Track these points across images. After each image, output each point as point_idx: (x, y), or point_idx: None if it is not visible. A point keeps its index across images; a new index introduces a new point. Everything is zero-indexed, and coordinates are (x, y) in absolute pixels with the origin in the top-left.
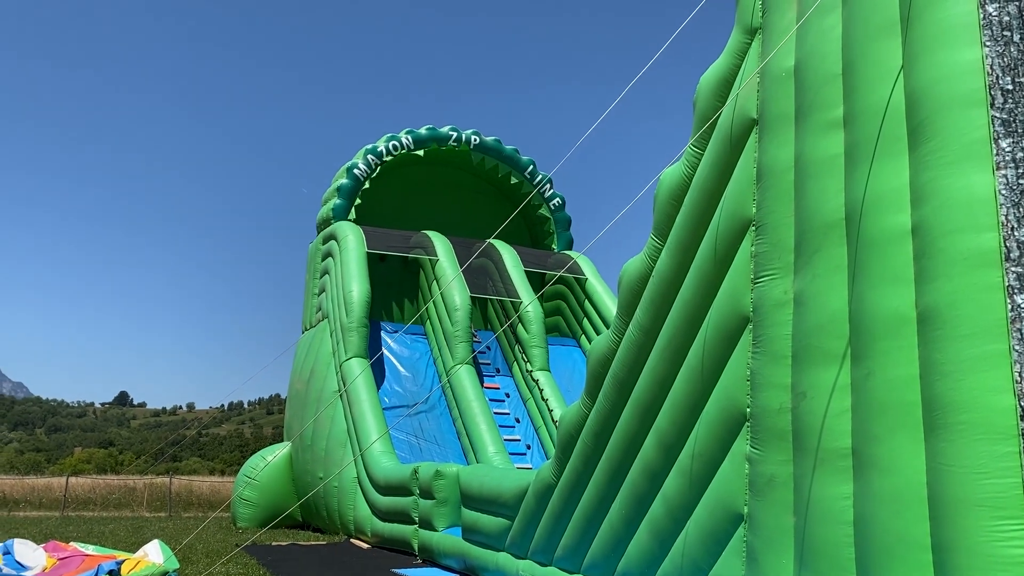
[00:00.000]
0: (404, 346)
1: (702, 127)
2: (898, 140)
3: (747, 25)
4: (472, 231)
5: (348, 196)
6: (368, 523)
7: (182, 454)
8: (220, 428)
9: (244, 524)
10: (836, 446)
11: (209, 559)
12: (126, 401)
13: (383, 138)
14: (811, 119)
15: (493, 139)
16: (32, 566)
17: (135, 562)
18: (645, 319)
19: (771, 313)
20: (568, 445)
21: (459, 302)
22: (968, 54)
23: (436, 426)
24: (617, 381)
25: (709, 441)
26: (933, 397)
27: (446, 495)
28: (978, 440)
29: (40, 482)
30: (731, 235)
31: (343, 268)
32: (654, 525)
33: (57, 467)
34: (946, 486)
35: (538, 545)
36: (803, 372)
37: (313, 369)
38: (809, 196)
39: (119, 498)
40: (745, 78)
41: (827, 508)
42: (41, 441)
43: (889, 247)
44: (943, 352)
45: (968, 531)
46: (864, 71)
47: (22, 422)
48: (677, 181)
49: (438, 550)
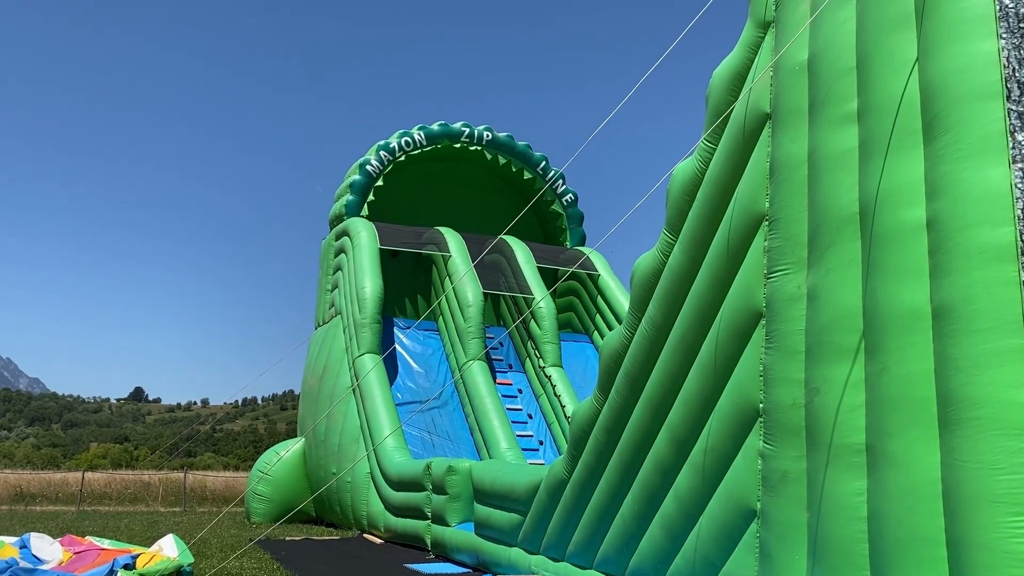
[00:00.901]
0: (417, 342)
1: (715, 122)
2: (913, 134)
3: (760, 19)
4: (485, 227)
5: (361, 192)
6: (381, 518)
7: (196, 449)
8: (234, 424)
9: (258, 519)
10: (850, 442)
11: (223, 553)
12: (141, 397)
13: (396, 134)
14: (825, 113)
15: (505, 135)
16: (48, 560)
17: (150, 556)
18: (658, 315)
19: (784, 308)
20: (580, 441)
21: (472, 298)
22: (984, 46)
23: (449, 422)
24: (629, 377)
25: (722, 437)
26: (948, 392)
27: (459, 491)
28: (993, 435)
29: (56, 477)
30: (744, 230)
31: (356, 264)
32: (666, 521)
33: (73, 462)
34: (961, 482)
35: (550, 541)
36: (816, 367)
37: (326, 365)
38: (823, 190)
39: (134, 493)
40: (758, 72)
41: (841, 504)
42: (57, 436)
43: (904, 241)
44: (958, 347)
45: (983, 527)
46: (878, 64)
47: (39, 417)
48: (690, 176)
49: (451, 545)
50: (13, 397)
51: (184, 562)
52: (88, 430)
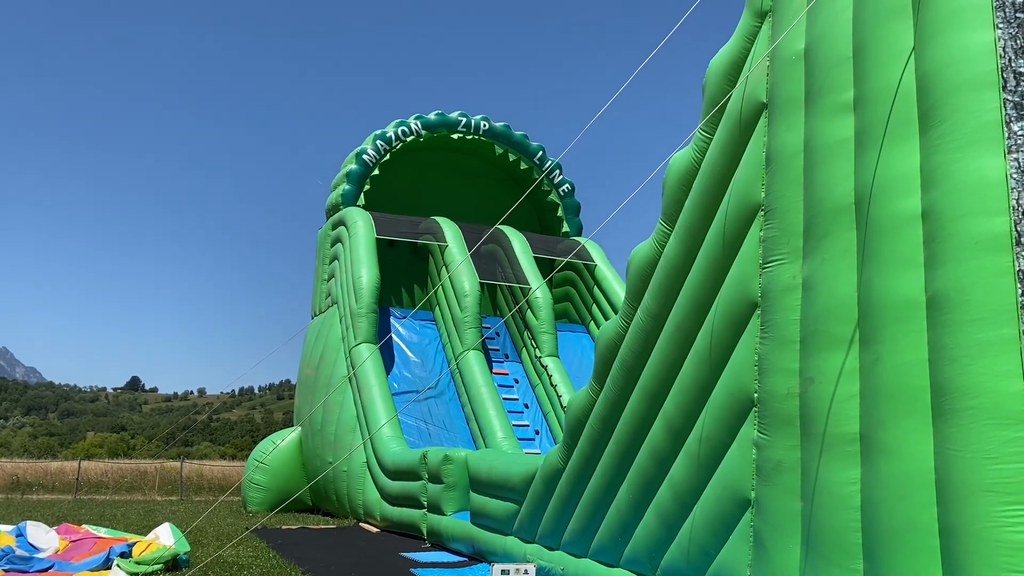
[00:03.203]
0: (413, 332)
1: (711, 111)
2: (909, 123)
3: (757, 8)
4: (481, 217)
5: (357, 182)
6: (377, 507)
7: (193, 439)
8: (231, 413)
9: (254, 508)
10: (844, 431)
11: (219, 542)
12: (138, 386)
13: (392, 123)
14: (821, 102)
15: (502, 124)
16: (45, 548)
17: (146, 544)
18: (653, 304)
19: (779, 298)
20: (576, 430)
21: (468, 288)
22: (980, 36)
23: (445, 411)
24: (625, 366)
25: (717, 426)
26: (942, 382)
27: (455, 480)
28: (987, 425)
29: (53, 466)
30: (740, 220)
31: (352, 254)
32: (661, 510)
33: (70, 451)
34: (954, 471)
35: (546, 529)
36: (811, 357)
37: (322, 355)
38: (818, 180)
39: (131, 482)
40: (755, 61)
41: (834, 493)
42: (54, 425)
43: (899, 231)
44: (952, 337)
45: (976, 516)
46: (875, 54)
47: (35, 407)
48: (686, 166)
49: (447, 534)
50: (9, 386)
51: (180, 550)
52: (85, 419)
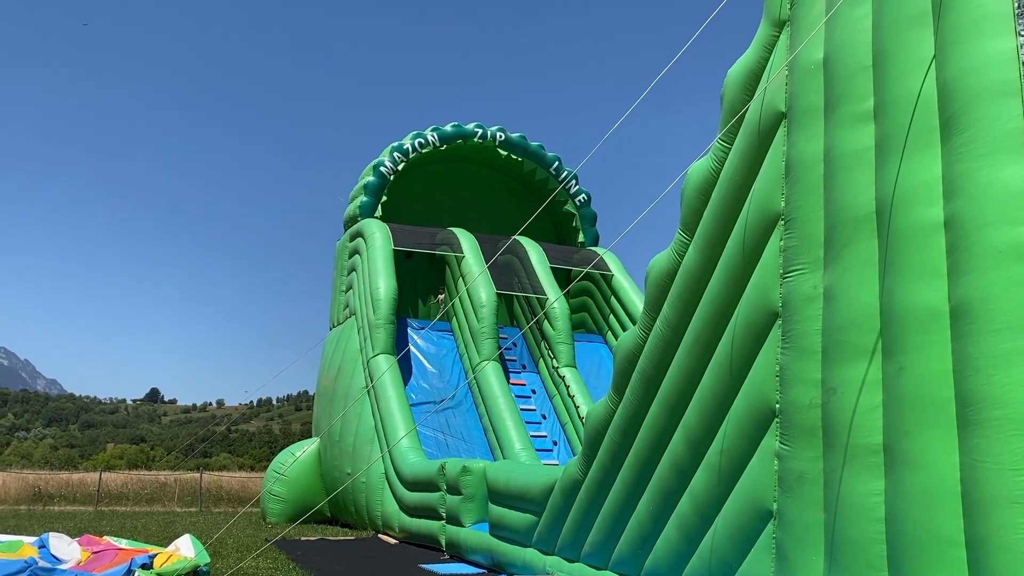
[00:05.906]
0: (431, 343)
1: (730, 121)
2: (930, 132)
3: (775, 18)
4: (498, 228)
5: (375, 193)
6: (396, 518)
7: (212, 450)
8: (249, 424)
9: (274, 519)
10: (867, 442)
11: (239, 553)
12: (157, 398)
13: (409, 135)
14: (841, 112)
15: (518, 135)
16: (67, 559)
17: (167, 556)
18: (673, 314)
19: (800, 308)
20: (595, 441)
21: (485, 299)
22: (1002, 44)
23: (463, 422)
24: (644, 377)
25: (738, 437)
26: (966, 392)
27: (473, 491)
28: (1012, 436)
29: (74, 477)
30: (760, 229)
31: (370, 265)
32: (682, 522)
33: (90, 462)
34: (979, 482)
35: (565, 541)
36: (833, 367)
37: (341, 366)
38: (839, 189)
39: (151, 493)
40: (773, 71)
41: (858, 504)
42: (74, 437)
43: (921, 241)
44: (976, 347)
45: (1002, 528)
46: (895, 62)
47: (56, 418)
48: (705, 175)
49: (465, 546)
50: (31, 398)
51: (201, 562)
52: (105, 431)
